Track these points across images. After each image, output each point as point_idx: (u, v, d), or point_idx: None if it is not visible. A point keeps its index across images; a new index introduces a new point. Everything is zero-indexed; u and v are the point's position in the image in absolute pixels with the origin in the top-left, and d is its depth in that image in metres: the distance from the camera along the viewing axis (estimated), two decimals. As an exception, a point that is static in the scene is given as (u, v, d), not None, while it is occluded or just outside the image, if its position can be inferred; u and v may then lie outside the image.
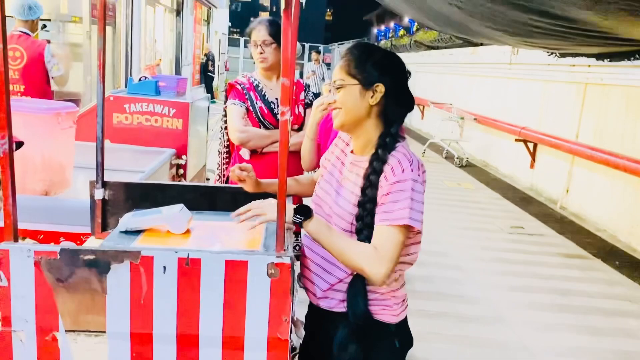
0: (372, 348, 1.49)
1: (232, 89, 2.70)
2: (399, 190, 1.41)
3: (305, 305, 1.64)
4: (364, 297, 1.47)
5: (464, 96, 10.24)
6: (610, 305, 3.94)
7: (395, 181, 1.42)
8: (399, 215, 1.40)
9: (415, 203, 1.41)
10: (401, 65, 1.56)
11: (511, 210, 6.43)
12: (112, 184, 1.88)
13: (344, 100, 1.51)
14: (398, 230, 1.40)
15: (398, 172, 1.43)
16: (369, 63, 1.50)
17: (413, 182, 1.42)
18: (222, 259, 1.26)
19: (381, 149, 1.48)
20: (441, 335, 3.34)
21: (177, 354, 1.29)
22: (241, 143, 2.63)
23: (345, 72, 1.52)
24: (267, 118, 2.63)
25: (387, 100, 1.51)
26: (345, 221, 1.49)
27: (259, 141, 2.62)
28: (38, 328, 1.27)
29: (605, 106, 5.94)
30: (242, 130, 2.60)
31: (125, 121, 3.58)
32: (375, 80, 1.49)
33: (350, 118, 1.52)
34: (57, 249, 1.25)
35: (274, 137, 2.57)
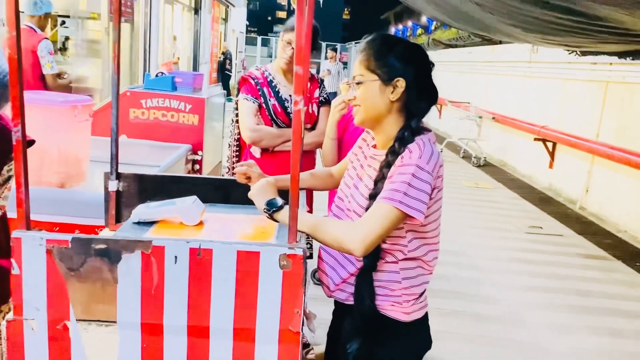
0: (379, 344, 1.46)
1: (244, 83, 2.63)
2: (399, 173, 1.38)
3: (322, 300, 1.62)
4: (370, 291, 1.44)
5: (482, 95, 10.13)
6: (630, 307, 3.86)
7: (399, 165, 1.39)
8: (389, 195, 1.35)
9: (412, 189, 1.35)
10: (423, 56, 1.51)
11: (529, 210, 6.34)
12: (126, 176, 1.87)
13: (363, 97, 1.47)
14: (385, 208, 1.35)
15: (406, 159, 1.39)
16: (389, 57, 1.46)
17: (417, 168, 1.36)
18: (234, 250, 1.25)
19: (398, 142, 1.45)
20: (457, 334, 3.29)
21: (187, 345, 1.28)
22: (253, 142, 2.58)
23: (365, 67, 1.48)
24: (280, 116, 2.56)
25: (408, 94, 1.46)
26: (358, 215, 1.46)
27: (271, 141, 2.56)
28: (49, 317, 1.27)
29: (627, 105, 5.82)
30: (254, 129, 2.54)
31: (141, 116, 3.60)
32: (396, 75, 1.44)
33: (371, 115, 1.48)
34: (69, 237, 1.24)
35: (286, 136, 2.53)
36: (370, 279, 1.44)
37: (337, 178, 1.78)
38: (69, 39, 7.17)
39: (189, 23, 13.64)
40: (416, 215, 1.35)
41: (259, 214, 1.73)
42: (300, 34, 1.21)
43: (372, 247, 1.36)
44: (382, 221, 1.35)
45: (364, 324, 1.44)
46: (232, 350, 1.28)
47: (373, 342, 1.45)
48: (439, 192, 1.44)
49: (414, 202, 1.35)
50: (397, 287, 1.46)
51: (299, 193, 1.29)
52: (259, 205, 1.45)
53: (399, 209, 1.35)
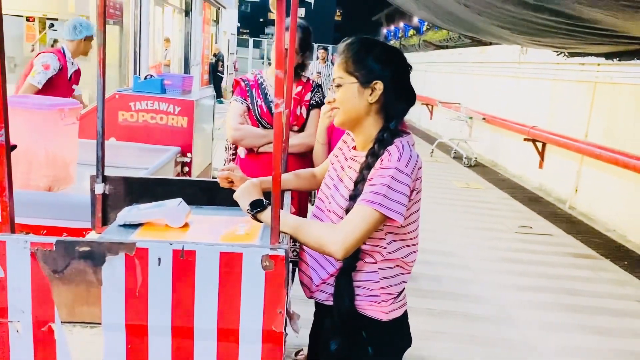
0: (359, 343, 1.47)
1: (237, 85, 2.68)
2: (379, 175, 1.40)
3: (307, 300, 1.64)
4: (349, 292, 1.45)
5: (472, 96, 10.19)
6: (619, 305, 3.89)
7: (379, 167, 1.41)
8: (370, 198, 1.37)
9: (392, 192, 1.37)
10: (401, 59, 1.53)
11: (520, 210, 6.39)
12: (113, 179, 1.88)
13: (342, 99, 1.50)
14: (366, 211, 1.37)
15: (385, 161, 1.41)
16: (367, 59, 1.48)
17: (396, 171, 1.38)
18: (217, 251, 1.26)
19: (377, 144, 1.47)
20: (447, 334, 3.31)
21: (172, 346, 1.29)
22: (235, 141, 2.61)
23: (343, 69, 1.50)
24: (265, 117, 2.57)
25: (386, 96, 1.48)
26: (338, 216, 1.48)
27: (253, 140, 2.58)
28: (34, 319, 1.27)
29: (615, 105, 5.88)
30: (236, 127, 2.56)
31: (130, 119, 3.60)
32: (374, 77, 1.47)
33: (349, 116, 1.51)
34: (53, 240, 1.25)
35: (270, 137, 2.51)
36: (349, 279, 1.46)
37: (320, 178, 1.79)
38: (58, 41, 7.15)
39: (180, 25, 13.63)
40: (396, 218, 1.37)
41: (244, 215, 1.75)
42: (280, 39, 1.23)
43: (353, 249, 1.37)
44: (362, 224, 1.36)
45: (344, 324, 1.46)
46: (216, 351, 1.29)
47: (353, 341, 1.47)
48: (417, 193, 1.46)
49: (393, 205, 1.37)
50: (375, 286, 1.48)
51: (280, 194, 1.31)
52: (243, 206, 1.46)
53: (378, 212, 1.36)
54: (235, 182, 1.65)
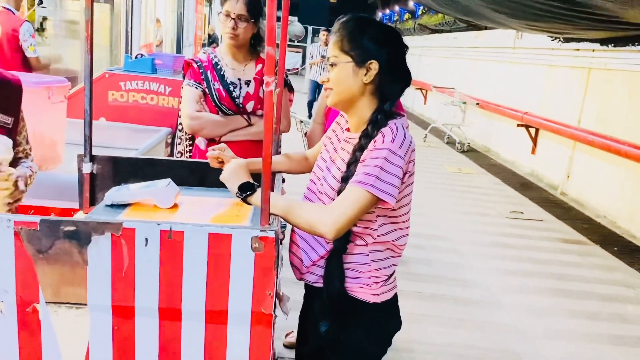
0: (349, 325, 1.47)
1: (188, 68, 2.36)
2: (372, 157, 1.38)
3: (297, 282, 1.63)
4: (339, 274, 1.44)
5: (467, 81, 10.15)
6: (607, 290, 3.93)
7: (371, 149, 1.39)
8: (362, 179, 1.36)
9: (384, 173, 1.35)
10: (397, 39, 1.50)
11: (511, 195, 6.40)
12: (101, 158, 1.85)
13: (336, 79, 1.47)
14: (358, 192, 1.35)
15: (379, 143, 1.39)
16: (363, 38, 1.45)
17: (389, 152, 1.37)
18: (206, 232, 1.24)
19: (371, 126, 1.44)
20: (437, 317, 3.33)
21: (159, 328, 1.28)
22: (193, 131, 2.32)
23: (338, 48, 1.47)
24: (224, 102, 2.30)
25: (382, 77, 1.46)
26: (329, 198, 1.46)
27: (214, 129, 2.30)
28: (18, 299, 1.25)
29: (608, 92, 5.87)
30: (194, 116, 2.26)
31: (120, 99, 3.55)
32: (369, 57, 1.44)
33: (343, 97, 1.48)
34: (37, 219, 1.22)
35: (233, 124, 2.30)
36: (340, 261, 1.45)
37: (312, 161, 1.77)
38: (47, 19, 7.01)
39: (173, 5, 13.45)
40: (388, 200, 1.36)
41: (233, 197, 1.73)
42: (271, 15, 1.19)
43: (344, 230, 1.36)
44: (354, 205, 1.35)
45: (333, 306, 1.45)
46: (204, 332, 1.28)
47: (343, 323, 1.46)
48: (410, 176, 1.45)
49: (385, 186, 1.35)
50: (366, 269, 1.47)
51: (271, 175, 1.29)
52: (231, 189, 1.44)
53: (371, 193, 1.35)
54: (226, 162, 1.62)
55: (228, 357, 1.29)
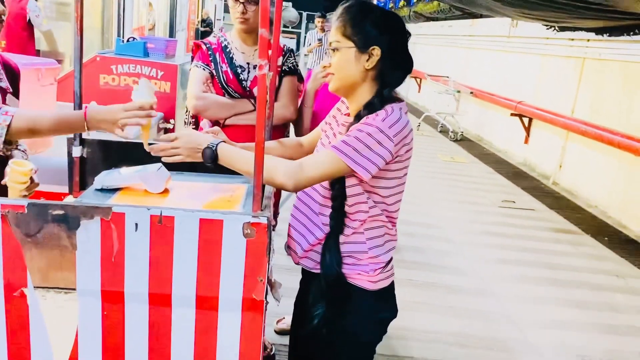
0: (345, 311, 1.46)
1: (197, 50, 2.35)
2: (358, 129, 1.38)
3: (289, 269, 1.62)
4: (336, 257, 1.44)
5: (461, 69, 10.13)
6: (598, 280, 3.96)
7: (361, 122, 1.39)
8: (339, 145, 1.36)
9: (364, 147, 1.36)
10: (400, 25, 1.49)
11: (503, 184, 6.42)
12: (91, 142, 1.83)
13: (338, 64, 1.45)
14: (330, 156, 1.37)
15: (370, 119, 1.39)
16: (366, 24, 1.44)
17: (376, 129, 1.36)
18: (197, 218, 1.22)
19: (368, 109, 1.43)
20: (428, 305, 3.34)
21: (149, 313, 1.26)
22: (197, 112, 2.28)
23: (341, 33, 1.45)
24: (232, 84, 2.27)
25: (383, 63, 1.45)
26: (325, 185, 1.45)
27: (218, 111, 2.26)
28: (6, 283, 1.23)
29: (602, 82, 5.87)
30: (199, 96, 2.23)
31: (112, 82, 3.51)
32: (372, 43, 1.43)
33: (345, 82, 1.47)
34: (25, 203, 1.20)
35: (238, 108, 2.26)
36: (336, 243, 1.44)
37: (307, 148, 1.76)
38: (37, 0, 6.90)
39: (166, -12, 13.28)
40: (361, 173, 1.36)
41: (226, 182, 1.71)
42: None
43: (305, 185, 1.38)
44: (322, 166, 1.37)
45: (329, 288, 1.44)
46: (194, 318, 1.27)
47: (339, 308, 1.45)
48: (402, 162, 1.43)
49: (361, 160, 1.36)
50: (364, 256, 1.47)
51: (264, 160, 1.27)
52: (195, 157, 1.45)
53: (343, 162, 1.36)
54: None
55: (219, 343, 1.28)
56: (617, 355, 3.00)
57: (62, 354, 1.28)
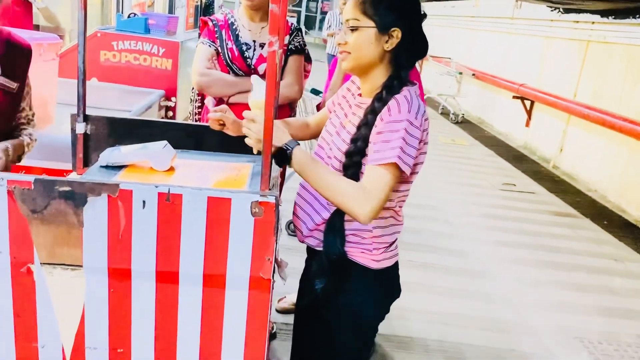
0: (348, 289, 1.46)
1: (204, 26, 2.32)
2: (392, 130, 1.34)
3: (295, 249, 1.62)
4: (340, 235, 1.43)
5: (463, 51, 10.05)
6: (596, 263, 3.98)
7: (389, 121, 1.35)
8: (389, 155, 1.33)
9: (407, 146, 1.34)
10: (418, 6, 1.46)
11: (504, 167, 6.42)
12: (95, 118, 1.81)
13: (357, 45, 1.40)
14: (387, 171, 1.34)
15: (394, 112, 1.36)
16: (387, 4, 1.39)
17: (408, 123, 1.34)
18: (205, 196, 1.21)
19: (386, 90, 1.41)
20: (427, 286, 3.36)
21: (156, 291, 1.26)
22: (201, 88, 2.26)
23: (361, 11, 1.40)
24: (236, 62, 2.24)
25: (401, 45, 1.41)
26: (338, 161, 1.44)
27: (222, 88, 2.23)
28: (12, 259, 1.23)
29: (605, 65, 5.83)
30: (203, 73, 2.21)
31: (113, 59, 3.47)
32: (393, 24, 1.39)
33: (362, 63, 1.43)
34: (31, 179, 1.19)
35: (242, 85, 2.22)
36: (341, 222, 1.43)
37: (314, 129, 1.74)
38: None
39: (165, -36, 13.06)
40: (406, 171, 1.35)
41: (230, 161, 1.70)
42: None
43: (378, 212, 1.34)
44: (388, 187, 1.34)
45: (331, 264, 1.43)
46: (201, 296, 1.27)
47: (341, 285, 1.45)
48: (425, 145, 1.43)
49: (407, 159, 1.35)
50: (367, 235, 1.46)
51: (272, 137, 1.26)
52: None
53: (397, 168, 1.34)
54: (228, 125, 1.59)
55: (225, 322, 1.28)
56: (614, 337, 3.03)
57: (69, 331, 1.28)
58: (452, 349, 2.77)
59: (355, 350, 1.57)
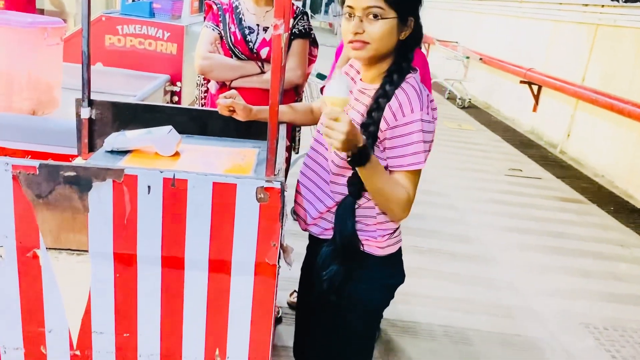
0: (353, 276, 1.46)
1: (209, 10, 2.31)
2: (410, 132, 1.35)
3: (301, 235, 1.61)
4: (352, 218, 1.43)
5: (471, 35, 9.94)
6: (602, 249, 3.96)
7: (405, 123, 1.35)
8: (415, 160, 1.36)
9: (425, 144, 1.37)
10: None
11: (510, 153, 6.38)
12: (100, 103, 1.80)
13: (379, 34, 1.35)
14: (415, 174, 1.39)
15: (407, 111, 1.35)
16: None
17: (422, 122, 1.35)
18: (210, 181, 1.21)
19: (396, 75, 1.39)
20: (432, 271, 3.36)
21: (162, 276, 1.26)
22: (203, 72, 2.25)
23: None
24: (239, 45, 2.22)
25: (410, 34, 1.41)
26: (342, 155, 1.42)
27: (224, 72, 2.22)
28: (18, 244, 1.23)
29: (615, 49, 5.76)
30: (205, 56, 2.20)
31: (117, 43, 3.45)
32: (410, 13, 1.38)
33: (380, 52, 1.39)
34: (36, 164, 1.19)
35: (244, 70, 2.21)
36: (353, 206, 1.43)
37: (318, 114, 1.73)
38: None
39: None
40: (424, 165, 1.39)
41: (236, 146, 1.70)
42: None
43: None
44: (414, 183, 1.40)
45: (344, 248, 1.43)
46: (207, 281, 1.27)
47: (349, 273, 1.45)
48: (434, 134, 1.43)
49: (425, 155, 1.38)
50: (372, 222, 1.46)
51: (278, 124, 1.25)
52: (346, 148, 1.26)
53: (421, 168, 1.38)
54: (237, 111, 1.58)
55: (231, 306, 1.28)
56: (619, 323, 3.03)
57: (75, 315, 1.29)
58: (457, 334, 2.77)
59: (362, 335, 1.57)
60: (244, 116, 1.60)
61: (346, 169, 1.43)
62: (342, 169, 1.43)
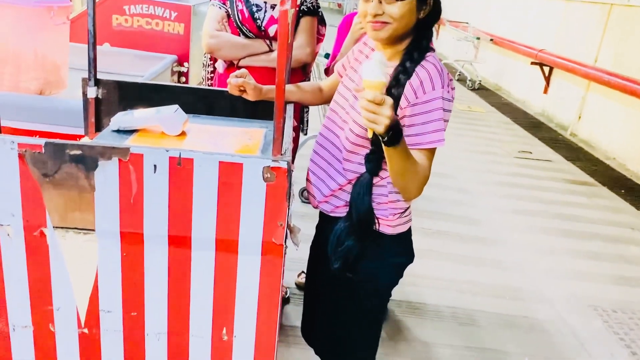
0: (364, 255, 1.45)
1: None
2: (429, 110, 1.33)
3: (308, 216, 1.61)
4: (369, 195, 1.41)
5: (481, 15, 9.80)
6: (612, 231, 3.93)
7: (425, 100, 1.33)
8: (435, 138, 1.34)
9: (444, 123, 1.35)
10: None
11: (521, 135, 6.32)
12: (106, 83, 1.79)
13: (401, 14, 1.34)
14: (433, 152, 1.37)
15: (428, 88, 1.33)
16: None
17: (443, 100, 1.34)
18: (216, 160, 1.20)
19: (417, 52, 1.38)
20: (440, 253, 3.35)
21: (168, 255, 1.26)
22: (210, 50, 2.22)
23: None
24: (246, 23, 2.18)
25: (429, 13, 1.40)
26: (357, 125, 1.41)
27: (231, 51, 2.19)
28: (25, 223, 1.23)
29: (629, 29, 5.65)
30: (212, 35, 2.17)
31: (125, 24, 3.42)
32: None
33: (399, 33, 1.38)
34: (42, 142, 1.18)
35: (252, 48, 2.19)
36: (370, 182, 1.41)
37: (327, 93, 1.71)
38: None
39: None
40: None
41: (243, 126, 1.68)
42: None
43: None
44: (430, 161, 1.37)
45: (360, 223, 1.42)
46: (214, 261, 1.27)
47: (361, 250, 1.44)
48: None
49: (443, 133, 1.36)
50: (383, 200, 1.45)
51: (285, 103, 1.23)
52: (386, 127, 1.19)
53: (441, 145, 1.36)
54: (248, 91, 1.56)
55: (238, 286, 1.28)
56: (628, 305, 3.02)
57: (83, 294, 1.29)
58: (465, 316, 2.77)
59: (371, 314, 1.57)
60: (254, 96, 1.59)
61: (360, 146, 1.42)
62: (356, 147, 1.42)
